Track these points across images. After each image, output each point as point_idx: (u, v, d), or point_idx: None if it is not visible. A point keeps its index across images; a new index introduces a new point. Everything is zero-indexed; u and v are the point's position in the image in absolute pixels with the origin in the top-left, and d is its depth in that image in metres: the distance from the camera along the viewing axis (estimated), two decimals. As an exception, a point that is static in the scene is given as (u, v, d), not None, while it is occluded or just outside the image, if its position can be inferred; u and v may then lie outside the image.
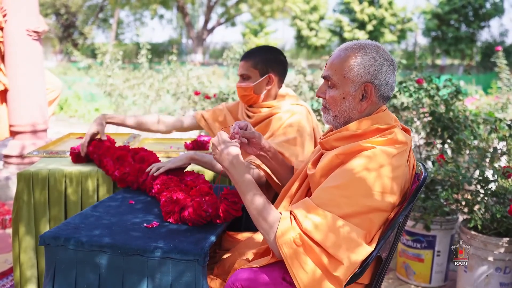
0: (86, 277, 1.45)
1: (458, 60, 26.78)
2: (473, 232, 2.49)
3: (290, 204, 1.58)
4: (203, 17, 29.41)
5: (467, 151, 2.82)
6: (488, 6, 23.03)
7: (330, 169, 1.42)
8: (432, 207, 2.60)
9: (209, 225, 1.62)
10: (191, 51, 29.18)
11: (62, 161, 2.30)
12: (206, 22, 28.05)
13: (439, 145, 2.99)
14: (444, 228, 2.70)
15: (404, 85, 3.07)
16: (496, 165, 2.61)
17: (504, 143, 2.59)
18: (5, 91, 4.17)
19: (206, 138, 2.57)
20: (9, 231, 3.39)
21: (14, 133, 4.28)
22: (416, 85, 3.03)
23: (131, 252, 1.42)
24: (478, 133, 2.76)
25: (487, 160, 2.65)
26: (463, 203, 2.59)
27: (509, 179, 2.42)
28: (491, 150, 2.64)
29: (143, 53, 7.81)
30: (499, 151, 2.62)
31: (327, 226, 1.28)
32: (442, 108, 2.96)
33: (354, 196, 1.31)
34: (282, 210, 1.39)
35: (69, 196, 2.14)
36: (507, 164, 2.54)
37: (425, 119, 3.04)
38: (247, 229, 1.95)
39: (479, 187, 2.56)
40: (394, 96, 3.15)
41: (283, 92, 2.25)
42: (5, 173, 4.23)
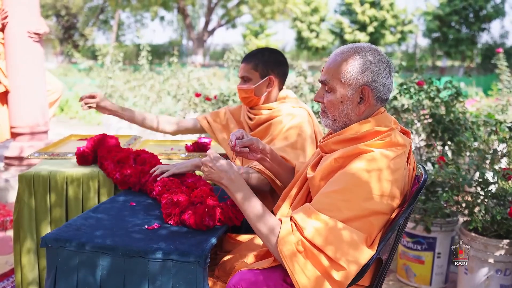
0: (87, 278, 1.46)
1: (459, 61, 26.81)
2: (473, 234, 2.49)
3: (290, 206, 1.58)
4: (203, 18, 29.44)
5: (467, 153, 2.83)
6: (488, 8, 23.07)
7: (329, 173, 1.43)
8: (432, 209, 2.61)
9: (210, 227, 1.62)
10: (191, 53, 29.18)
11: (63, 163, 2.30)
12: (207, 23, 28.07)
13: (439, 147, 2.99)
14: (445, 230, 2.71)
15: (405, 87, 3.07)
16: (496, 167, 2.61)
17: (504, 145, 2.60)
18: (6, 92, 4.17)
19: (206, 140, 2.58)
20: (10, 232, 3.39)
21: (15, 134, 4.27)
22: (416, 87, 3.03)
23: (132, 253, 1.42)
24: (478, 135, 2.76)
25: (487, 162, 2.65)
26: (464, 205, 2.59)
27: (509, 181, 2.42)
28: (491, 152, 2.64)
29: (143, 55, 7.81)
30: (499, 153, 2.62)
31: (328, 230, 1.29)
32: (442, 110, 2.96)
33: (354, 200, 1.32)
34: (282, 214, 1.40)
35: (70, 198, 2.14)
36: (507, 166, 2.54)
37: (426, 121, 3.04)
38: (247, 231, 1.95)
39: (479, 189, 2.56)
40: (395, 98, 3.15)
41: (283, 94, 2.25)
42: (6, 174, 4.23)
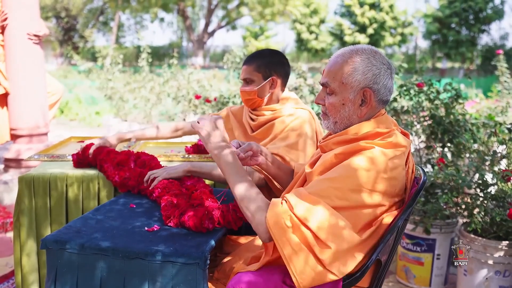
0: (87, 280, 1.46)
1: (459, 63, 26.82)
2: (472, 236, 2.49)
3: None
4: (203, 20, 29.49)
5: (467, 155, 2.83)
6: (488, 10, 23.09)
7: (328, 168, 1.43)
8: (432, 210, 2.61)
9: (210, 228, 1.62)
10: (191, 54, 29.22)
11: (63, 164, 2.30)
12: (207, 25, 28.12)
13: (439, 149, 2.99)
14: (444, 231, 2.71)
15: (405, 88, 3.07)
16: (496, 168, 2.62)
17: (504, 146, 2.60)
18: (6, 94, 4.18)
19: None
20: (10, 234, 3.40)
21: (15, 136, 4.28)
22: (416, 88, 3.03)
23: (132, 255, 1.42)
24: (478, 136, 2.76)
25: (487, 163, 2.65)
26: (463, 206, 2.59)
27: (509, 183, 2.43)
28: (491, 153, 2.64)
29: (143, 57, 7.83)
30: (498, 154, 2.63)
31: (317, 211, 1.30)
32: (442, 112, 2.97)
33: (344, 189, 1.32)
34: None
35: (70, 200, 2.14)
36: (507, 168, 2.54)
37: (425, 123, 3.05)
38: (247, 232, 1.95)
39: (478, 190, 2.56)
40: (395, 100, 3.15)
41: (286, 95, 2.25)
42: (5, 176, 4.23)
